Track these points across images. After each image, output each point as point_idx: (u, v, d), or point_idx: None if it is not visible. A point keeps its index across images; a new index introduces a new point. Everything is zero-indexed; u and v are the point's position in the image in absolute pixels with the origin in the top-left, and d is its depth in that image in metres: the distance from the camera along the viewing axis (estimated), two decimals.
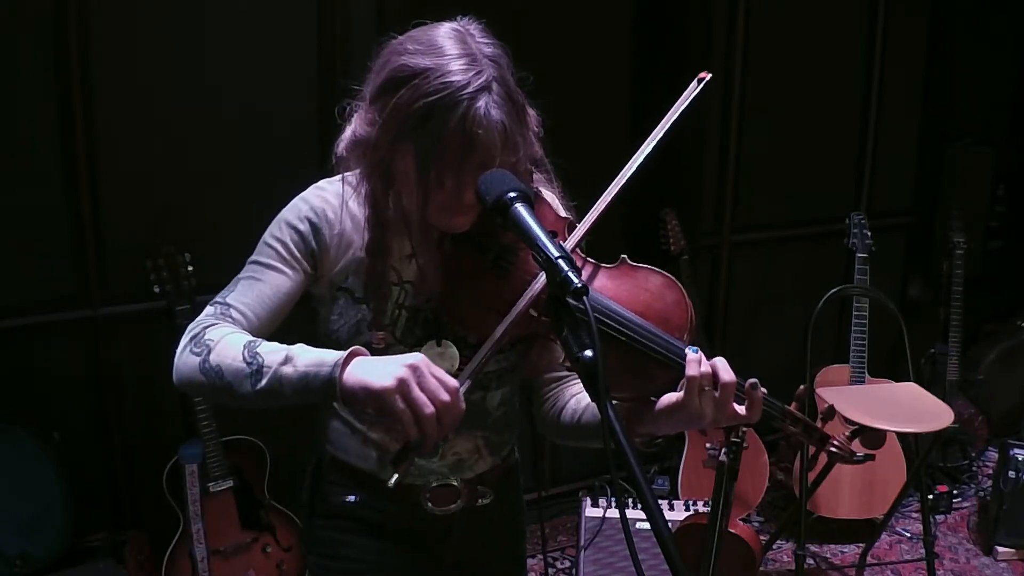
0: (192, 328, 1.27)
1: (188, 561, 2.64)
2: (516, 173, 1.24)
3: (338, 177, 1.38)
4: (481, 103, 1.19)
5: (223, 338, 1.23)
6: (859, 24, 3.93)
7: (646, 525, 1.16)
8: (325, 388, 1.13)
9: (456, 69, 1.20)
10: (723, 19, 3.58)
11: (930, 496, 3.40)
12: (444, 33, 1.25)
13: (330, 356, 1.16)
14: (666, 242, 3.46)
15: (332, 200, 1.37)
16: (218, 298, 1.32)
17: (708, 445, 3.41)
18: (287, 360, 1.17)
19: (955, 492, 3.71)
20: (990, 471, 3.78)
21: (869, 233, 3.42)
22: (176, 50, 2.69)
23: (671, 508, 2.96)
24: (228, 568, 2.71)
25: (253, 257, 1.35)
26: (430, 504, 1.47)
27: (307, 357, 1.17)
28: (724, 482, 2.37)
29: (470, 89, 1.19)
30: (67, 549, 2.60)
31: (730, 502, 2.42)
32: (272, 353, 1.18)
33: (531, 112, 1.31)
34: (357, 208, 1.37)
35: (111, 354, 2.79)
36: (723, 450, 2.39)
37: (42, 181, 2.61)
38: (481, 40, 1.26)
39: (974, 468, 3.88)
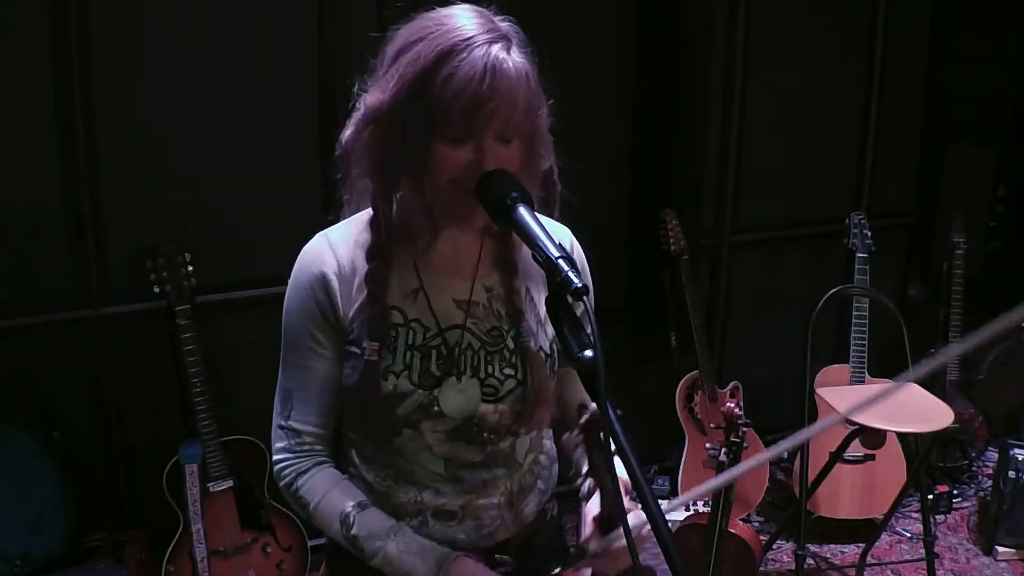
0: (283, 474, 1.39)
1: (188, 561, 2.64)
2: (534, 154, 1.24)
3: (344, 221, 1.34)
4: (496, 46, 1.17)
5: (317, 506, 1.36)
6: (859, 24, 3.93)
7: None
8: None
9: (471, 24, 1.19)
10: (724, 19, 3.58)
11: (930, 496, 3.39)
12: (458, 7, 1.24)
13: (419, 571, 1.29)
14: (666, 242, 3.46)
15: (338, 246, 1.32)
16: (281, 420, 1.36)
17: (708, 445, 3.40)
18: (386, 560, 1.30)
19: (955, 492, 3.71)
20: (990, 471, 3.78)
21: (869, 233, 3.42)
22: (176, 48, 2.68)
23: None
24: (228, 568, 2.71)
25: (285, 353, 1.35)
26: None
27: (400, 562, 1.30)
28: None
29: (486, 36, 1.17)
30: (67, 549, 2.60)
31: (730, 502, 2.43)
32: (370, 542, 1.31)
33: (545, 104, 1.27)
34: (361, 247, 1.31)
35: (111, 354, 2.79)
36: (723, 450, 2.39)
37: (42, 181, 2.61)
38: (498, 16, 1.24)
39: (974, 468, 3.87)
